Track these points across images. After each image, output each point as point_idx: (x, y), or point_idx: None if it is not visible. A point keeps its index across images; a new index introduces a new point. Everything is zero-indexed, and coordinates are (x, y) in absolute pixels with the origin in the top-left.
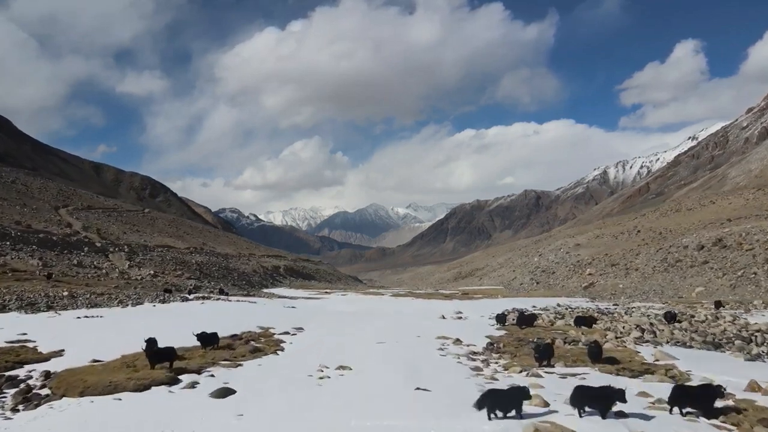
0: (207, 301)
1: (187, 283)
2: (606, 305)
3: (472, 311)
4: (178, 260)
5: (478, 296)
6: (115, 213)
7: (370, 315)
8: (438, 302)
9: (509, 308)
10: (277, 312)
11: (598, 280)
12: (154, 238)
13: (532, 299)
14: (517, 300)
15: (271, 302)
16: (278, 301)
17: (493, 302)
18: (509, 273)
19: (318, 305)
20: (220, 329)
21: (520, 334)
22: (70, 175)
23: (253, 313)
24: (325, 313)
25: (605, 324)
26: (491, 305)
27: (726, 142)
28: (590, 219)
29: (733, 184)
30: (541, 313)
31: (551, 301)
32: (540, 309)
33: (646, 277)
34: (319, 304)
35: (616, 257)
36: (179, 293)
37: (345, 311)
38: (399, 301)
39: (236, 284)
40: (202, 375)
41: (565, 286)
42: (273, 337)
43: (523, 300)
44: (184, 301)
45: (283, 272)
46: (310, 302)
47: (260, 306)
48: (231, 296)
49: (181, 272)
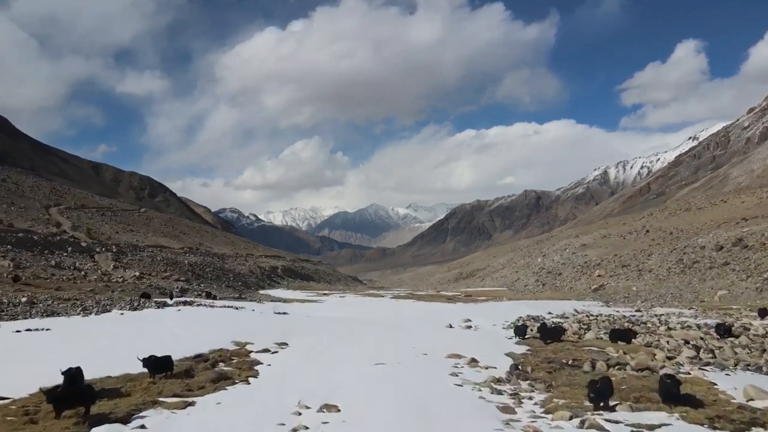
0: (188, 307)
1: (174, 286)
2: (625, 310)
3: (482, 318)
4: (170, 261)
5: (482, 298)
6: (109, 212)
7: (367, 323)
8: (441, 305)
9: (523, 315)
10: (263, 320)
11: (608, 282)
12: (147, 237)
13: (541, 302)
14: (525, 303)
15: (261, 307)
16: (270, 306)
17: (500, 306)
18: (512, 274)
19: (312, 310)
20: (185, 346)
21: (548, 352)
22: (69, 175)
23: (234, 322)
24: (318, 321)
25: (644, 338)
26: (500, 310)
27: (727, 142)
28: (591, 219)
29: (735, 184)
30: (562, 322)
31: (564, 306)
32: (557, 316)
33: (661, 279)
34: (313, 308)
35: (626, 258)
36: (163, 296)
37: (341, 317)
38: (400, 304)
39: (231, 285)
40: (128, 426)
41: (573, 288)
42: (248, 356)
43: (531, 303)
44: (160, 307)
45: (281, 273)
46: (305, 306)
47: (246, 313)
48: (219, 299)
49: (170, 273)
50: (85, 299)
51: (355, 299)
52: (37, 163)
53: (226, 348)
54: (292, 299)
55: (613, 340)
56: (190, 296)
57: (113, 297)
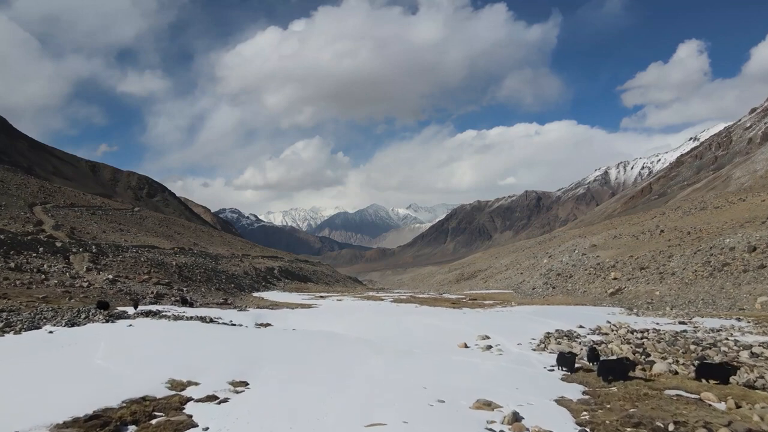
0: (147, 319)
1: (150, 290)
2: (666, 322)
3: (502, 333)
4: (156, 262)
5: (489, 302)
6: (100, 211)
7: (363, 343)
8: (447, 312)
9: (550, 330)
10: (230, 340)
11: (626, 286)
12: (138, 237)
13: (554, 308)
14: (537, 309)
15: (241, 316)
16: (252, 314)
17: (515, 314)
18: (516, 275)
19: (301, 319)
20: (91, 393)
21: (621, 400)
22: (65, 174)
23: (190, 344)
24: (302, 340)
25: (743, 373)
26: (519, 321)
27: (729, 142)
28: (593, 220)
29: (738, 185)
30: (603, 341)
31: (590, 314)
32: (592, 331)
33: (688, 283)
34: (304, 316)
35: (644, 260)
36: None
37: (332, 333)
38: (401, 309)
39: (222, 288)
40: None
41: (587, 292)
42: (181, 410)
43: (546, 309)
44: (111, 320)
45: (278, 274)
46: (295, 314)
47: (215, 328)
48: (198, 306)
49: (151, 276)
50: (24, 310)
51: (353, 303)
52: (34, 161)
53: (152, 395)
54: (284, 303)
55: (702, 377)
56: (165, 302)
57: (62, 308)
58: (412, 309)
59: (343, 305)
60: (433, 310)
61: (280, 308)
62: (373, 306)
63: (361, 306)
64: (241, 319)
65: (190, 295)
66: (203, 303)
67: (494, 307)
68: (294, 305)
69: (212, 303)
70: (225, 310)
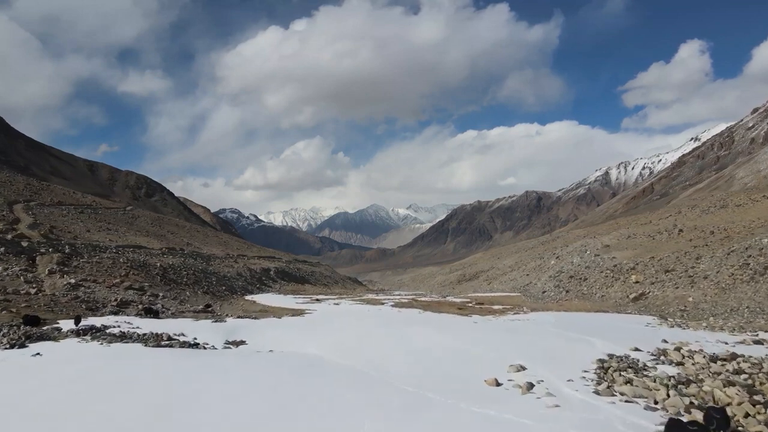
0: (77, 341)
1: (120, 296)
2: (726, 338)
3: (538, 360)
4: (137, 263)
5: (498, 307)
6: (89, 210)
7: (355, 380)
8: (457, 323)
9: (597, 352)
10: (152, 386)
11: (649, 290)
12: (125, 237)
13: (577, 316)
14: (558, 317)
15: (210, 332)
16: (227, 327)
17: (536, 326)
18: (522, 277)
19: (285, 334)
20: None
21: None
22: (63, 173)
23: (88, 394)
24: (263, 381)
25: None
26: (547, 337)
27: (732, 142)
28: (594, 220)
29: (741, 185)
30: (679, 374)
31: (622, 325)
32: (652, 354)
33: (725, 288)
34: (290, 328)
35: (667, 261)
36: (89, 314)
37: (312, 361)
38: (403, 315)
39: (210, 291)
40: None
41: (605, 297)
42: None
43: (569, 318)
44: (17, 344)
45: (274, 275)
46: (281, 325)
47: (150, 358)
48: (165, 317)
49: (123, 280)
50: None
51: (350, 308)
52: (31, 161)
53: None
54: (275, 308)
55: None
56: (130, 312)
57: None
58: (415, 316)
59: (339, 310)
60: (438, 317)
61: (266, 316)
62: (372, 312)
63: (358, 312)
64: (208, 335)
65: (163, 302)
66: (178, 311)
67: (506, 314)
68: (284, 311)
69: (188, 311)
70: (198, 321)
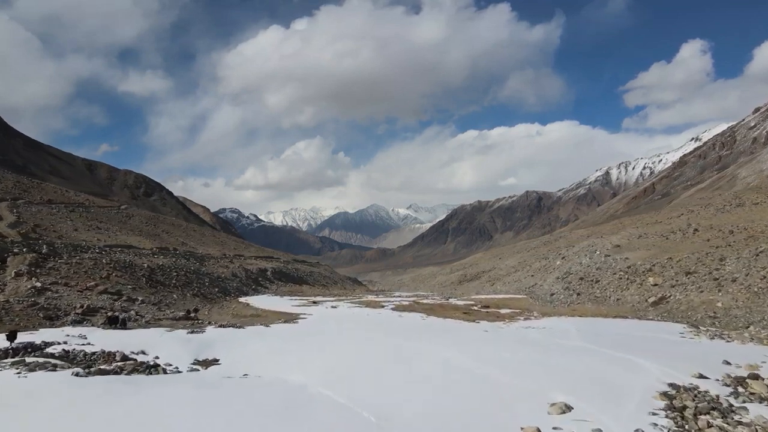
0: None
1: (89, 302)
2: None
3: (579, 393)
4: (122, 264)
5: (506, 311)
6: (80, 208)
7: (347, 427)
8: (467, 332)
9: (649, 378)
10: None
11: (670, 294)
12: (116, 236)
13: (593, 321)
14: (577, 325)
15: (180, 348)
16: (201, 341)
17: (559, 336)
18: (527, 278)
19: (263, 353)
20: None
21: None
22: (61, 173)
23: None
24: (234, 415)
25: None
26: (582, 356)
27: (733, 142)
28: (596, 220)
29: (744, 185)
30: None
31: (655, 336)
32: (723, 382)
33: (758, 292)
34: (276, 340)
35: (687, 263)
36: (41, 326)
37: (293, 398)
38: (404, 322)
39: (201, 293)
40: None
41: (621, 300)
42: None
43: (590, 326)
44: None
45: (271, 276)
46: (267, 336)
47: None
48: (136, 327)
49: (97, 283)
50: None
51: (348, 312)
52: (30, 160)
53: None
54: (268, 312)
55: None
56: (97, 320)
57: None
58: (418, 322)
59: (336, 315)
60: (443, 324)
61: (255, 323)
62: (371, 316)
63: (356, 317)
64: (176, 351)
65: (140, 307)
66: (154, 318)
67: (516, 320)
68: (276, 316)
69: (166, 318)
70: (171, 333)
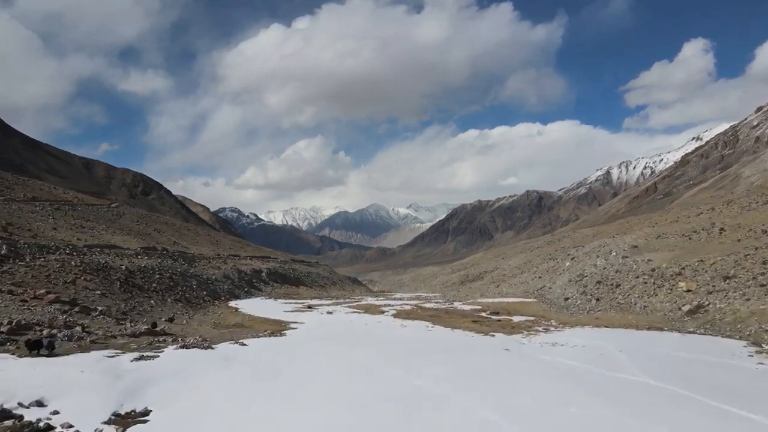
0: None
1: (30, 316)
2: None
3: None
4: (95, 267)
5: (519, 319)
6: (66, 206)
7: None
8: (480, 349)
9: None
10: None
11: (708, 301)
12: (100, 236)
13: (629, 335)
14: (607, 337)
15: (95, 384)
16: (140, 375)
17: (604, 363)
18: (535, 280)
19: (218, 399)
20: None
21: None
22: (58, 171)
23: None
24: None
25: None
26: (648, 397)
27: (736, 141)
28: (597, 219)
29: (748, 184)
30: None
31: (720, 362)
32: None
33: None
34: (234, 382)
35: (724, 266)
36: None
37: None
38: (408, 334)
39: (185, 298)
40: None
41: (648, 308)
42: None
43: (625, 339)
44: None
45: (266, 277)
46: (241, 359)
47: None
48: (65, 354)
49: (48, 291)
50: None
51: (345, 318)
52: (27, 159)
53: None
54: (253, 321)
55: None
56: (21, 342)
57: None
58: (423, 335)
59: (330, 324)
60: (451, 337)
61: (234, 337)
62: (369, 327)
63: (353, 328)
64: (91, 401)
65: (95, 320)
66: (106, 335)
67: (535, 332)
68: (262, 326)
69: (122, 334)
70: (113, 359)
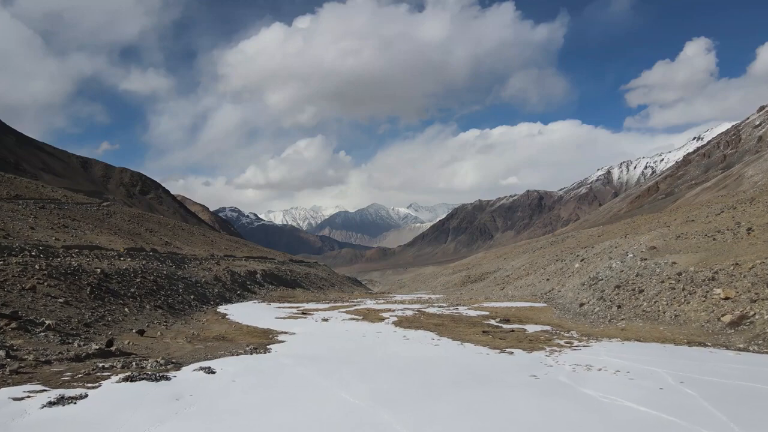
0: None
1: None
2: None
3: None
4: (65, 270)
5: (534, 329)
6: (52, 205)
7: None
8: (499, 375)
9: None
10: None
11: (753, 311)
12: (83, 236)
13: (668, 353)
14: (652, 356)
15: None
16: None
17: (681, 408)
18: (542, 282)
19: None
20: None
21: None
22: (54, 170)
23: None
24: None
25: None
26: None
27: (738, 140)
28: (598, 219)
29: (752, 184)
30: None
31: None
32: None
33: None
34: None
35: (766, 270)
36: None
37: None
38: (411, 351)
39: (167, 303)
40: None
41: (680, 318)
42: None
43: (677, 359)
44: None
45: (260, 279)
46: (201, 396)
47: None
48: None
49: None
50: None
51: (342, 327)
52: (22, 157)
53: None
54: (239, 330)
55: None
56: None
57: None
58: (429, 351)
59: (324, 335)
60: (461, 353)
61: (208, 355)
62: (368, 338)
63: (348, 342)
64: None
65: (37, 338)
66: (40, 359)
67: (558, 346)
68: (245, 339)
69: (63, 359)
70: (19, 403)
